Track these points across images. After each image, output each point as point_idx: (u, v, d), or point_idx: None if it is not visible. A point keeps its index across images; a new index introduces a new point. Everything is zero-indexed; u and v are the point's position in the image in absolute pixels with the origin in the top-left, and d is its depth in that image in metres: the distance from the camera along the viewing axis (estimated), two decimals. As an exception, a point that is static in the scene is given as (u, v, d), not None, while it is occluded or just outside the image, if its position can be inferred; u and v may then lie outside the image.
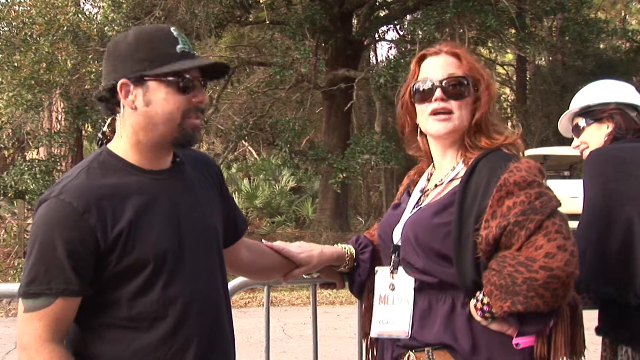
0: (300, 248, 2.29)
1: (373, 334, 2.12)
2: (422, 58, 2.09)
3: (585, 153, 2.75)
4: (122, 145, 1.86)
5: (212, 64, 1.88)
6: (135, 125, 1.83)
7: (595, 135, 2.73)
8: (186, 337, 1.83)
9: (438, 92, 2.01)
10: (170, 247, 1.82)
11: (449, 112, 2.00)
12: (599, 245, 2.46)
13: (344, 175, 13.42)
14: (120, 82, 1.80)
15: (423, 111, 2.05)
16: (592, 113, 2.75)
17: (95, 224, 1.73)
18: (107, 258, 1.75)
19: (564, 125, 2.92)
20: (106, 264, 1.76)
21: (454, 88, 2.00)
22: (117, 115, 1.87)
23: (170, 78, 1.79)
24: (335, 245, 2.34)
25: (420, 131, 2.13)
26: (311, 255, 2.27)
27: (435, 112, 2.02)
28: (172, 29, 1.85)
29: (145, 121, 1.82)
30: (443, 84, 2.01)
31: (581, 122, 2.79)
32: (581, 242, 2.19)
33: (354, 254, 2.30)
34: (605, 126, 2.71)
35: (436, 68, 2.03)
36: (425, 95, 2.03)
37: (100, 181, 1.79)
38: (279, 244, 2.30)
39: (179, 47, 1.81)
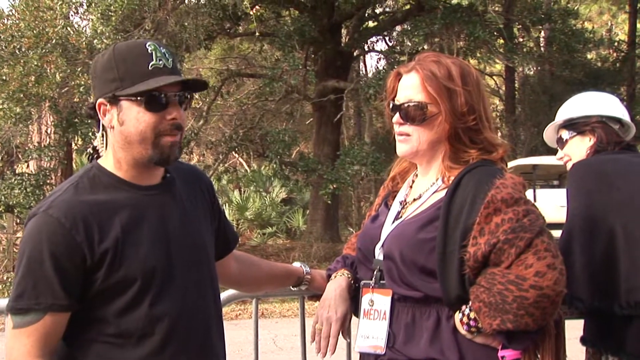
0: (323, 308, 2.16)
1: (356, 348, 2.10)
2: (399, 75, 2.09)
3: (569, 165, 2.78)
4: (110, 161, 1.86)
5: (185, 80, 1.82)
6: (115, 143, 1.83)
7: (578, 148, 2.75)
8: (173, 354, 1.83)
9: (397, 116, 2.04)
10: (159, 264, 1.82)
11: (407, 134, 2.03)
12: (583, 256, 2.46)
13: (335, 186, 13.42)
14: (98, 102, 1.82)
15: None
16: (575, 126, 2.77)
17: (82, 240, 1.73)
18: (95, 274, 1.75)
19: (549, 135, 2.94)
20: (93, 280, 1.75)
21: (411, 112, 2.00)
22: (104, 131, 1.87)
23: (140, 97, 1.77)
24: (339, 273, 2.25)
25: None
26: (336, 309, 2.15)
27: (397, 133, 2.06)
28: (147, 44, 1.80)
29: (122, 140, 1.82)
30: (401, 107, 2.02)
31: (565, 134, 2.81)
32: (564, 252, 2.19)
33: (354, 279, 2.23)
34: (587, 139, 2.73)
35: (403, 89, 2.04)
36: (392, 116, 2.07)
37: (88, 197, 1.79)
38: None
39: (151, 64, 1.77)
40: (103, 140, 1.88)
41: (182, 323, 1.85)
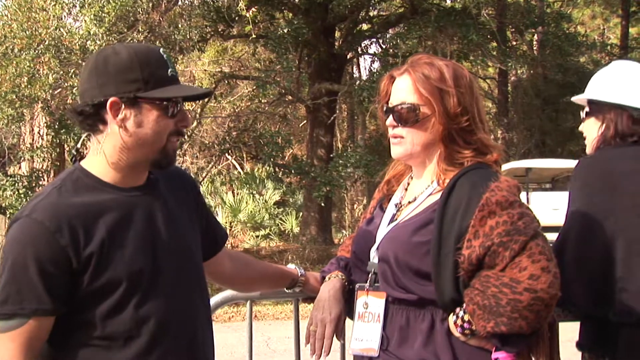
0: (317, 310, 2.16)
1: (350, 351, 2.10)
2: (392, 78, 2.09)
3: (586, 141, 2.66)
4: (98, 163, 1.83)
5: (203, 93, 1.99)
6: (120, 144, 1.80)
7: (591, 130, 2.63)
8: (160, 356, 1.82)
9: (390, 119, 2.04)
10: (145, 265, 1.80)
11: (401, 137, 2.03)
12: (579, 260, 2.43)
13: (328, 188, 13.42)
14: (111, 100, 1.76)
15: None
16: (593, 107, 2.62)
17: (67, 243, 1.71)
18: (81, 277, 1.74)
19: (579, 100, 2.76)
20: (79, 284, 1.74)
21: (404, 114, 2.00)
22: (96, 132, 1.82)
23: (164, 102, 1.79)
24: (332, 275, 2.24)
25: None
26: (330, 310, 2.15)
27: (391, 136, 2.06)
28: (161, 50, 1.85)
29: (133, 142, 1.79)
30: (394, 109, 2.02)
31: (585, 109, 2.67)
32: (561, 254, 2.18)
33: (348, 280, 2.22)
34: (599, 124, 2.58)
35: (396, 92, 2.04)
36: (385, 119, 2.07)
37: (72, 200, 1.77)
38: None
39: (170, 71, 1.82)
40: (92, 141, 1.85)
41: (169, 325, 1.84)
